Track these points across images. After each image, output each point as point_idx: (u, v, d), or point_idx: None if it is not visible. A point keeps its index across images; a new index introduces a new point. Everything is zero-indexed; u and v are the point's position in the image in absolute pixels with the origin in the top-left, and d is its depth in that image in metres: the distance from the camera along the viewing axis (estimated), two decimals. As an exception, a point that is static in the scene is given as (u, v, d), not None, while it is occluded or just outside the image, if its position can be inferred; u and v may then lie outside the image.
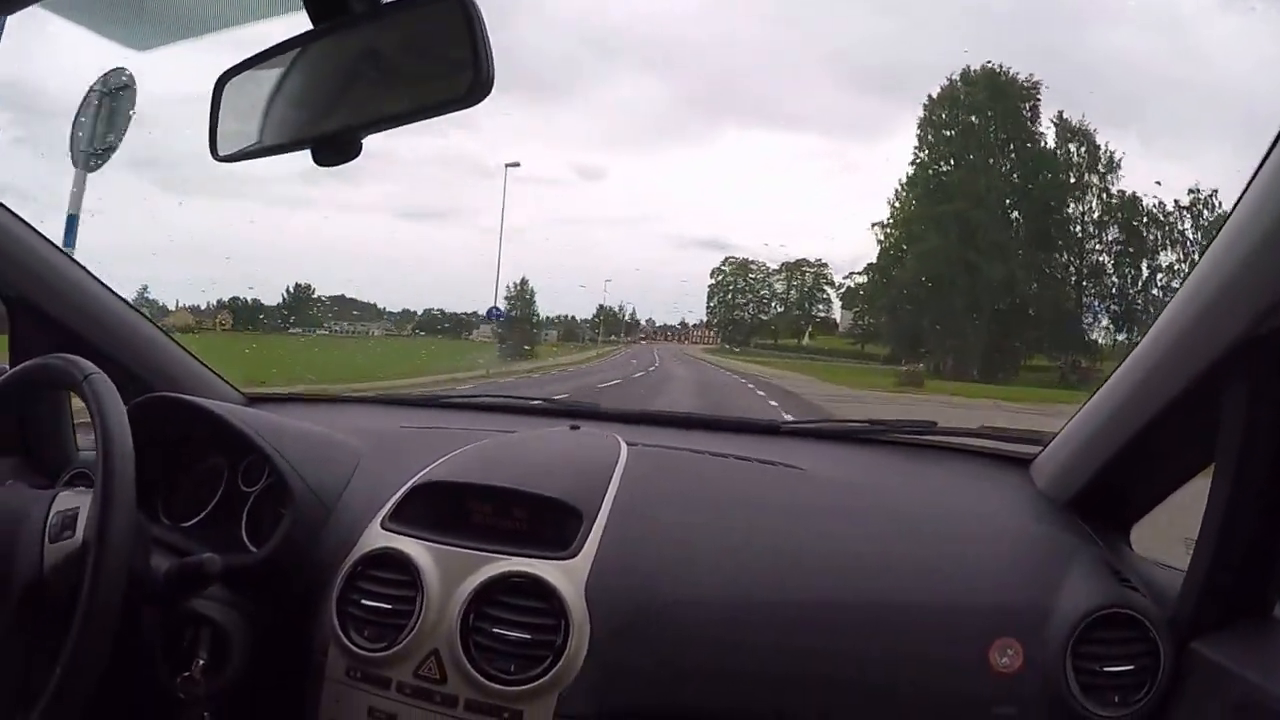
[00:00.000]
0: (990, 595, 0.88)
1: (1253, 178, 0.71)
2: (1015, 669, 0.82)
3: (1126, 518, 1.01)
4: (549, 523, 0.95)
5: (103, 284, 1.23)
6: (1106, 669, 0.81)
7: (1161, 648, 0.80)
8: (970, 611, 0.87)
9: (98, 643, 0.71)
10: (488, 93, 0.60)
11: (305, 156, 0.68)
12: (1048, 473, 1.08)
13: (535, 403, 1.58)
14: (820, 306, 25.23)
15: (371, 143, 0.66)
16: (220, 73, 0.78)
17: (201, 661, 0.89)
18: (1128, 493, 0.99)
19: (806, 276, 25.48)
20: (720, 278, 25.98)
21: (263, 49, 0.74)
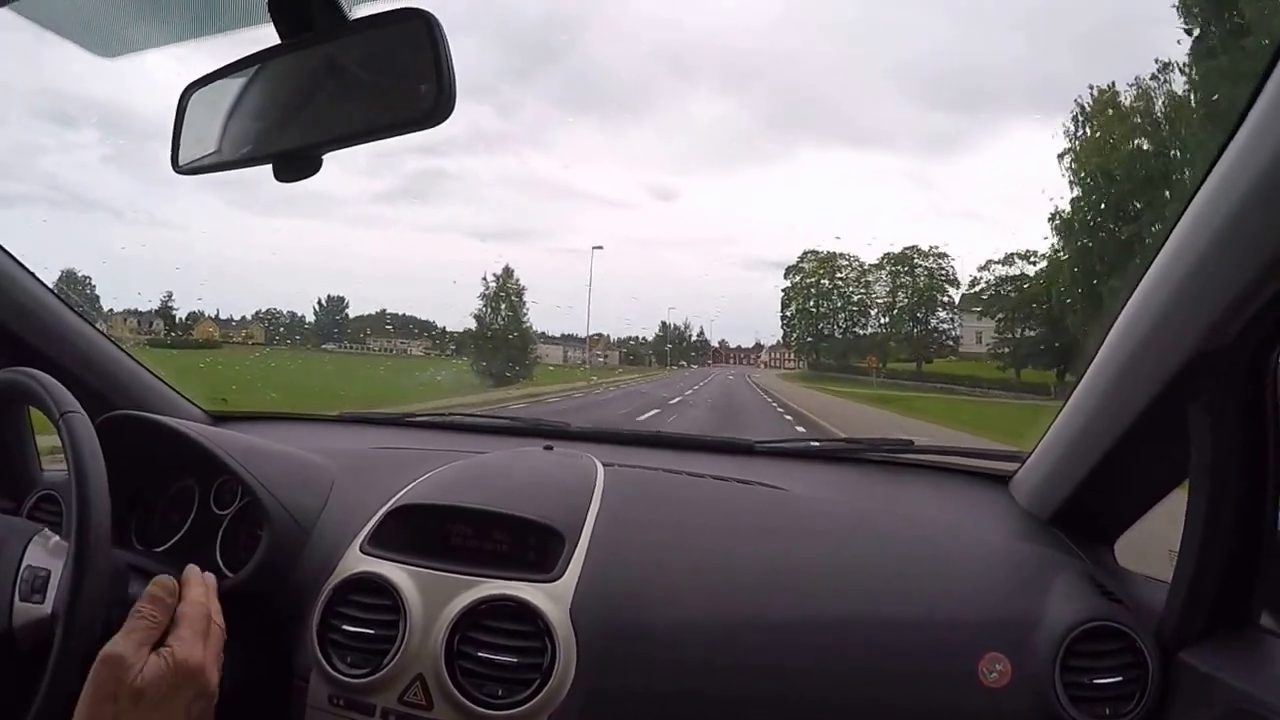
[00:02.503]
0: (976, 611, 0.88)
1: (1196, 189, 0.68)
2: (1004, 683, 0.82)
3: (1109, 531, 1.01)
4: (531, 545, 0.93)
5: (59, 297, 1.18)
6: (1096, 681, 0.81)
7: (1149, 659, 0.80)
8: (956, 628, 0.86)
9: (64, 700, 0.68)
10: (449, 113, 0.60)
11: (375, 177, 0.67)
12: (1027, 489, 1.08)
13: (505, 422, 1.56)
14: (942, 314, 16.48)
15: (449, 163, 0.65)
16: (185, 85, 0.76)
17: None
18: (1108, 507, 0.99)
19: (919, 274, 16.64)
20: (798, 278, 17.63)
21: (229, 62, 0.73)
